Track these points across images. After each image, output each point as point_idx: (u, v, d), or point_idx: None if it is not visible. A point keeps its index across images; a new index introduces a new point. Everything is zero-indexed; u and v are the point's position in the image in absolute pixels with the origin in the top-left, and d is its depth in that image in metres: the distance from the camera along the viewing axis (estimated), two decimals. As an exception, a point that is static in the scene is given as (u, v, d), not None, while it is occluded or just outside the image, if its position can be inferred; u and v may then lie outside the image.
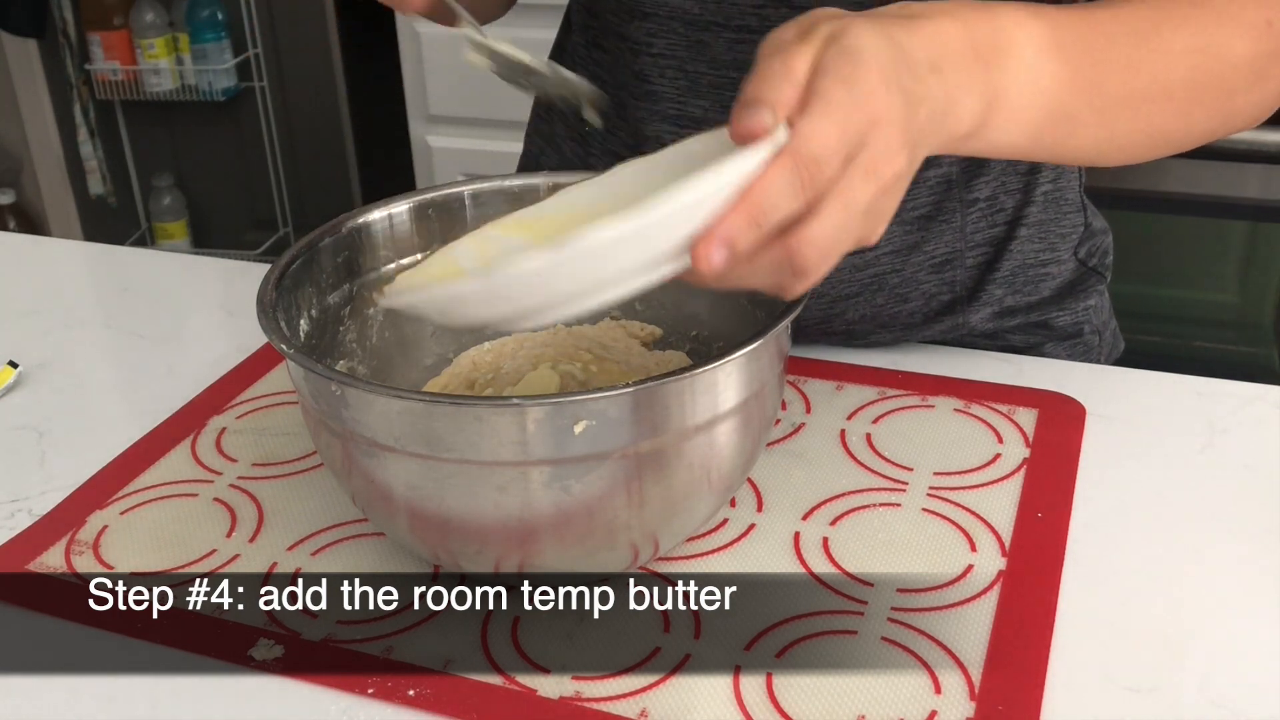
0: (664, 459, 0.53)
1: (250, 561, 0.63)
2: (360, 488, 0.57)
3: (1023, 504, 0.65)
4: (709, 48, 0.74)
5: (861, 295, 0.79)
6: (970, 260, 0.80)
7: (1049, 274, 0.82)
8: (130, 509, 0.68)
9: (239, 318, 0.90)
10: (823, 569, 0.61)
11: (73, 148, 2.67)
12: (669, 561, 0.62)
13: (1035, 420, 0.72)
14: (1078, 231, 0.84)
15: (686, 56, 0.75)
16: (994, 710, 0.52)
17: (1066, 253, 0.83)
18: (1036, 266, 0.82)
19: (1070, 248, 0.83)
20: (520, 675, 0.55)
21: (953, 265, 0.80)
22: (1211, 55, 0.60)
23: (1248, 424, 0.72)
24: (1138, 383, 0.77)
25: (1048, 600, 0.59)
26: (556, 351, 0.69)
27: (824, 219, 0.47)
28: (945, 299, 0.81)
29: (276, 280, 0.60)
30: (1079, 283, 0.84)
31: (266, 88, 2.62)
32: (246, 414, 0.76)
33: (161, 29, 2.55)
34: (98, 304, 0.97)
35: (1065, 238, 0.83)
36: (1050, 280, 0.83)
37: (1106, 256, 0.87)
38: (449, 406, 0.53)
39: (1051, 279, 0.83)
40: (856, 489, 0.67)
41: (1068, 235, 0.83)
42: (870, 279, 0.79)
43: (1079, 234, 0.84)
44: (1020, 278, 0.81)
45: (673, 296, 0.71)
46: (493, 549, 0.56)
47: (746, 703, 0.53)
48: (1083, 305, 0.84)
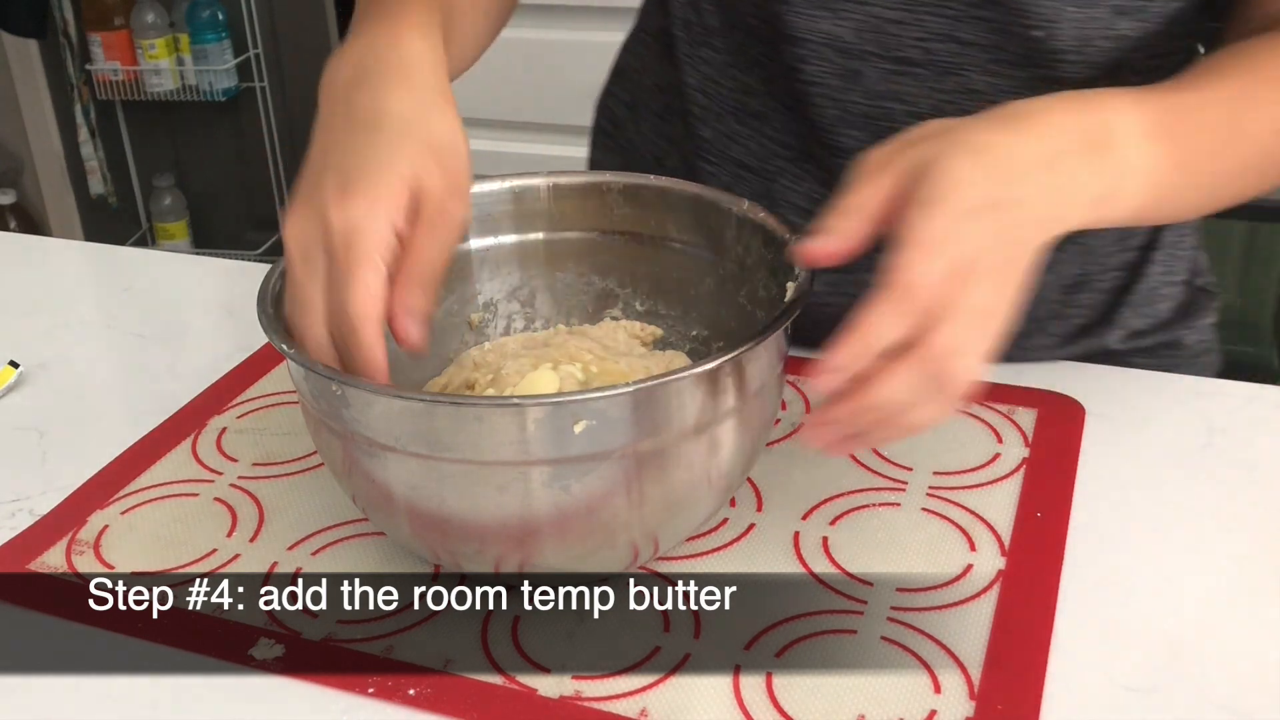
0: (664, 459, 0.53)
1: (250, 561, 0.63)
2: (360, 488, 0.57)
3: (1022, 504, 0.65)
4: (864, 77, 0.71)
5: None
6: (1103, 282, 0.80)
7: (1164, 296, 0.82)
8: (131, 509, 0.68)
9: (239, 318, 0.90)
10: (822, 569, 0.61)
11: (73, 148, 2.68)
12: (669, 561, 0.62)
13: (1035, 420, 0.72)
14: (1189, 253, 0.83)
15: (839, 85, 0.72)
16: (994, 710, 0.52)
17: (1181, 275, 0.83)
18: (1161, 289, 0.82)
19: (1185, 269, 0.83)
20: (520, 675, 0.55)
21: (1082, 287, 0.80)
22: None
23: (1248, 424, 0.72)
24: (1138, 383, 0.77)
25: (1047, 600, 0.59)
26: (557, 352, 0.69)
27: (946, 329, 0.49)
28: (1079, 321, 0.81)
29: (277, 280, 0.60)
30: (1193, 302, 0.84)
31: (267, 88, 2.62)
32: (247, 414, 0.76)
33: (162, 29, 2.55)
34: (98, 304, 0.97)
35: (1182, 259, 0.82)
36: (1165, 303, 0.82)
37: (1209, 274, 0.87)
38: (449, 406, 0.53)
39: (1165, 300, 0.82)
40: (856, 489, 0.67)
41: (1184, 257, 0.83)
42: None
43: (1190, 255, 0.83)
44: (1147, 300, 0.81)
45: (674, 297, 0.71)
46: (493, 549, 0.56)
47: (746, 702, 0.53)
48: (1206, 322, 0.84)
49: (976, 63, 0.69)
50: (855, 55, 0.70)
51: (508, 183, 0.70)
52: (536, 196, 0.70)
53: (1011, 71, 0.69)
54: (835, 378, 0.49)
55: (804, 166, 0.77)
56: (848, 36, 0.70)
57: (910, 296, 0.49)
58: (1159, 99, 0.58)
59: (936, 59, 0.69)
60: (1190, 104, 0.60)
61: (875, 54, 0.70)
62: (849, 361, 0.49)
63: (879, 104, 0.72)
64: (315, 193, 0.54)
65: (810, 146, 0.76)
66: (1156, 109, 0.58)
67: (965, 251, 0.50)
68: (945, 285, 0.49)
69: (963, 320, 0.49)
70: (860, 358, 0.49)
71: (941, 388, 0.50)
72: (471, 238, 0.71)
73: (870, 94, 0.71)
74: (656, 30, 0.85)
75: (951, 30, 0.68)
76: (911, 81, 0.70)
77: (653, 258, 0.71)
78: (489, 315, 0.73)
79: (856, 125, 0.73)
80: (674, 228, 0.69)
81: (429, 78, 0.58)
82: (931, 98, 0.71)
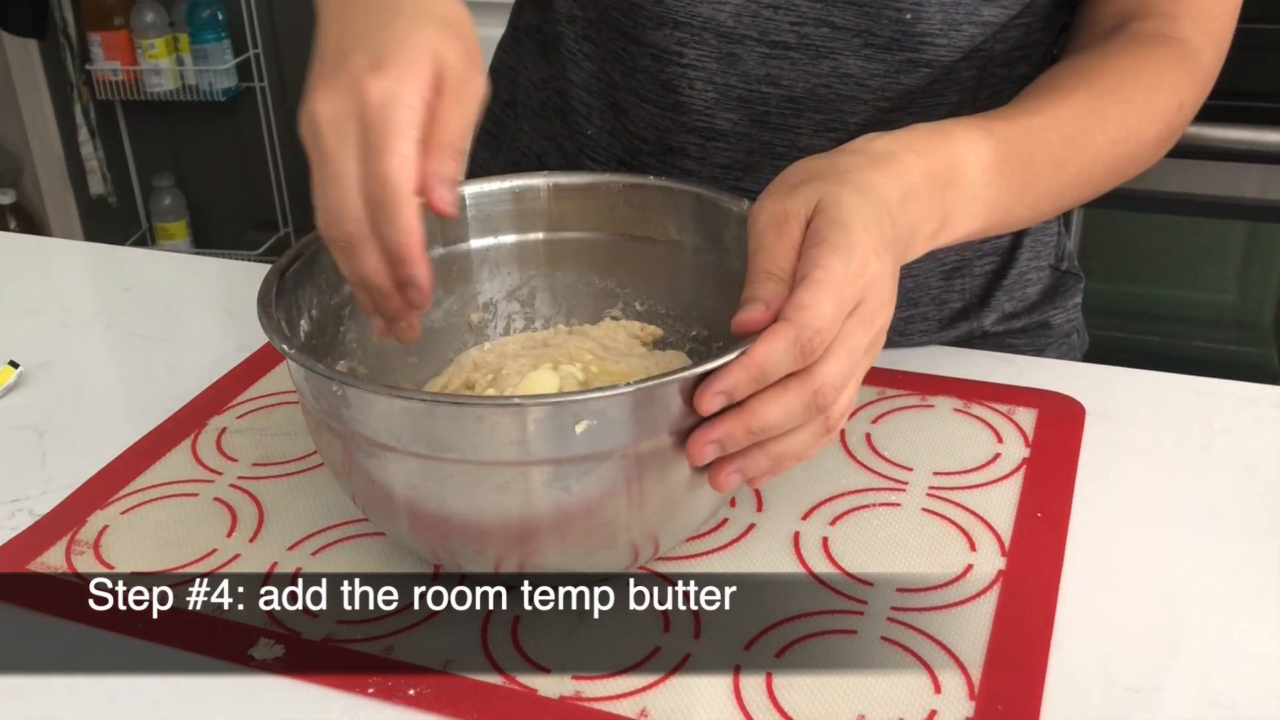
0: (664, 459, 0.53)
1: (250, 561, 0.63)
2: (361, 488, 0.57)
3: (1022, 504, 0.65)
4: (741, 61, 0.74)
5: None
6: (978, 269, 0.85)
7: (1031, 280, 0.87)
8: (131, 509, 0.68)
9: (239, 318, 0.90)
10: (822, 569, 0.61)
11: (73, 148, 2.68)
12: (669, 561, 0.62)
13: (1035, 420, 0.72)
14: (1054, 239, 0.89)
15: (717, 69, 0.74)
16: (994, 710, 0.52)
17: (1047, 260, 0.88)
18: (1029, 273, 0.87)
19: (1050, 254, 0.88)
20: (520, 675, 0.55)
21: (961, 272, 0.84)
22: (1130, 144, 0.68)
23: (1248, 424, 0.72)
24: (1138, 383, 0.77)
25: (1048, 600, 0.59)
26: (557, 352, 0.69)
27: (831, 363, 0.52)
28: (956, 305, 0.84)
29: (277, 280, 0.60)
30: (1059, 285, 0.89)
31: (266, 88, 2.62)
32: (247, 414, 0.76)
33: (162, 29, 2.55)
34: (98, 304, 0.97)
35: (1047, 245, 0.88)
36: (1034, 286, 0.87)
37: (1073, 259, 0.92)
38: (450, 406, 0.53)
39: (1033, 284, 0.87)
40: (856, 489, 0.67)
41: (1049, 243, 0.88)
42: None
43: (1054, 241, 0.89)
44: (1017, 284, 0.86)
45: (673, 297, 0.71)
46: (493, 549, 0.56)
47: (746, 702, 0.53)
48: (1072, 303, 0.89)
49: (850, 47, 0.72)
50: (734, 39, 0.73)
51: (508, 183, 0.70)
52: (536, 196, 0.70)
53: (883, 55, 0.72)
54: (719, 401, 0.51)
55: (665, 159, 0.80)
56: (727, 20, 0.73)
57: (809, 337, 0.51)
58: (1005, 126, 0.63)
59: (810, 43, 0.72)
60: (1034, 126, 0.64)
61: (752, 38, 0.73)
62: (736, 387, 0.51)
63: (756, 88, 0.74)
64: (342, 69, 0.55)
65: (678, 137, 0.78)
66: (1003, 137, 0.62)
67: (857, 291, 0.52)
68: (835, 323, 0.52)
69: (845, 357, 0.52)
70: (750, 385, 0.51)
71: (822, 418, 0.53)
72: (471, 238, 0.71)
73: (748, 78, 0.74)
74: (530, 27, 0.87)
75: (825, 15, 0.71)
76: (787, 65, 0.73)
77: (653, 258, 0.71)
78: (489, 315, 0.73)
79: (732, 109, 0.76)
80: (674, 228, 0.69)
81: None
82: (806, 81, 0.74)
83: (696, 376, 0.52)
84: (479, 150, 0.93)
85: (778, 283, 0.53)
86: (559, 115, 0.85)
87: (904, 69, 0.72)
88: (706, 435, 0.52)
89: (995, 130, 0.62)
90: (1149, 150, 0.70)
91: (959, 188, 0.60)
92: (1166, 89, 0.69)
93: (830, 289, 0.51)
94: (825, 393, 0.52)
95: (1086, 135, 0.66)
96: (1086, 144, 0.66)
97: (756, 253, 0.55)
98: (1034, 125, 0.64)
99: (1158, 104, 0.69)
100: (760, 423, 0.52)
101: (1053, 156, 0.65)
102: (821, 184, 0.55)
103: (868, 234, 0.53)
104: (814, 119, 0.75)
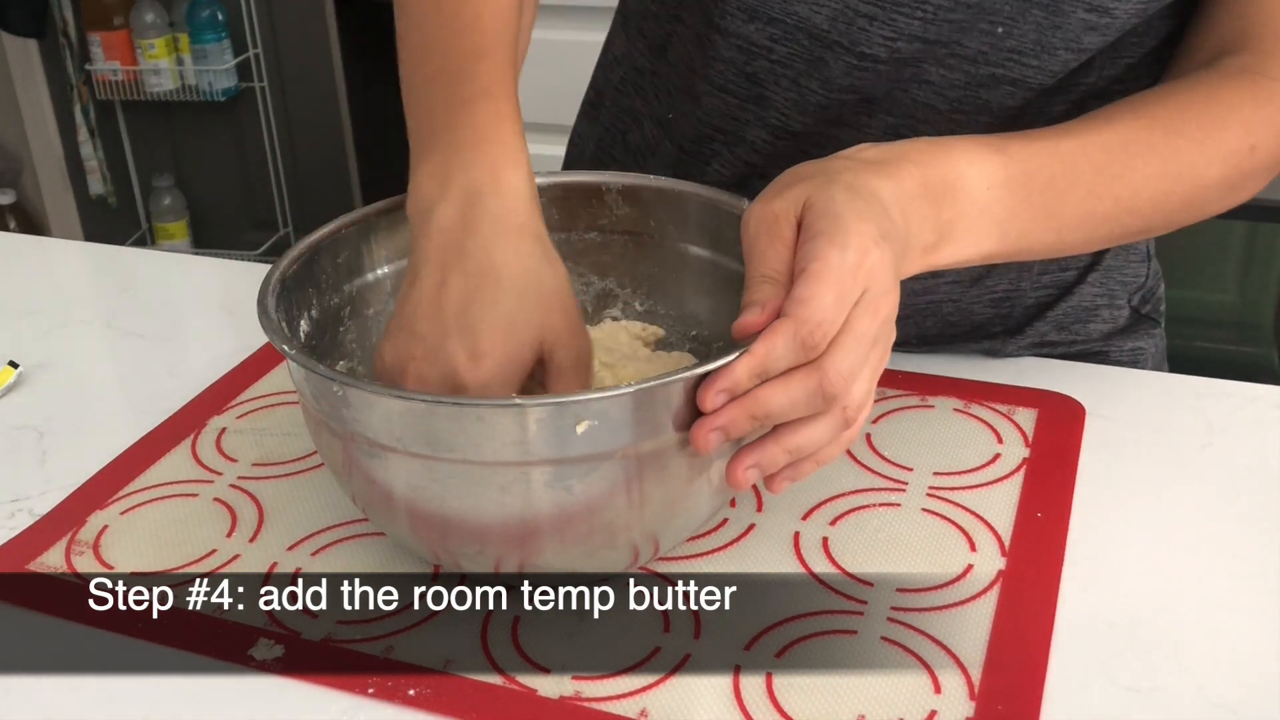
0: (665, 459, 0.53)
1: (250, 561, 0.63)
2: (361, 488, 0.57)
3: (1022, 504, 0.65)
4: (827, 67, 0.71)
5: (912, 319, 0.79)
6: (1030, 299, 0.81)
7: (1100, 318, 0.83)
8: (130, 509, 0.68)
9: (239, 318, 0.90)
10: (822, 569, 0.61)
11: (73, 148, 2.68)
12: (669, 561, 0.62)
13: (1035, 420, 0.72)
14: (1139, 281, 0.84)
15: (804, 69, 0.72)
16: (994, 710, 0.52)
17: (1123, 301, 0.83)
18: (1092, 310, 0.82)
19: (1128, 295, 0.83)
20: (520, 675, 0.55)
21: (1011, 301, 0.81)
22: (1186, 181, 0.65)
23: (1248, 424, 0.72)
24: (1138, 383, 0.77)
25: (1048, 600, 0.59)
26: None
27: (837, 353, 0.51)
28: (994, 330, 0.81)
29: (277, 280, 0.60)
30: (1131, 328, 0.84)
31: (266, 88, 2.62)
32: (247, 414, 0.76)
33: (162, 29, 2.55)
34: (98, 304, 0.97)
35: (1126, 285, 0.83)
36: (1100, 324, 0.83)
37: (1161, 303, 0.87)
38: (451, 407, 0.53)
39: (1102, 323, 0.83)
40: (856, 489, 0.67)
41: (1129, 284, 0.83)
42: (925, 305, 0.79)
43: (1139, 283, 0.84)
44: (1071, 318, 0.82)
45: (673, 297, 0.71)
46: (493, 549, 0.56)
47: (746, 702, 0.53)
48: (1132, 345, 0.84)
49: (934, 56, 0.69)
50: (825, 44, 0.71)
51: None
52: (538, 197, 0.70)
53: (966, 66, 0.69)
54: (722, 399, 0.51)
55: (735, 151, 0.78)
56: (821, 24, 0.70)
57: (806, 325, 0.50)
58: (1023, 145, 0.61)
59: (900, 57, 0.70)
60: (1063, 149, 0.62)
61: (843, 46, 0.70)
62: (738, 384, 0.51)
63: (836, 96, 0.72)
64: (440, 354, 0.56)
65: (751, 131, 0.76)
66: (1018, 156, 0.60)
67: (859, 282, 0.52)
68: (837, 315, 0.51)
69: (851, 347, 0.52)
70: (751, 381, 0.51)
71: (834, 410, 0.52)
72: (471, 238, 0.70)
73: (830, 85, 0.72)
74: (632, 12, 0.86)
75: (921, 31, 0.68)
76: (871, 77, 0.71)
77: (653, 258, 0.71)
78: (489, 315, 0.73)
79: (809, 113, 0.74)
80: (674, 228, 0.69)
81: (533, 224, 0.60)
82: (885, 86, 0.71)
83: (698, 376, 0.52)
84: (580, 121, 0.93)
85: (773, 285, 0.53)
86: (639, 94, 0.84)
87: (986, 83, 0.69)
88: (710, 422, 0.52)
89: (1008, 149, 0.60)
90: (1214, 192, 0.66)
91: (960, 202, 0.59)
92: (1236, 128, 0.65)
93: (829, 280, 0.51)
94: (833, 381, 0.51)
95: (1125, 165, 0.63)
96: (1125, 173, 0.63)
97: (750, 258, 0.54)
98: (1063, 148, 0.62)
99: (1223, 142, 0.65)
100: (763, 408, 0.51)
101: (1082, 182, 0.62)
102: (810, 184, 0.55)
103: (863, 223, 0.52)
104: (885, 120, 0.72)
